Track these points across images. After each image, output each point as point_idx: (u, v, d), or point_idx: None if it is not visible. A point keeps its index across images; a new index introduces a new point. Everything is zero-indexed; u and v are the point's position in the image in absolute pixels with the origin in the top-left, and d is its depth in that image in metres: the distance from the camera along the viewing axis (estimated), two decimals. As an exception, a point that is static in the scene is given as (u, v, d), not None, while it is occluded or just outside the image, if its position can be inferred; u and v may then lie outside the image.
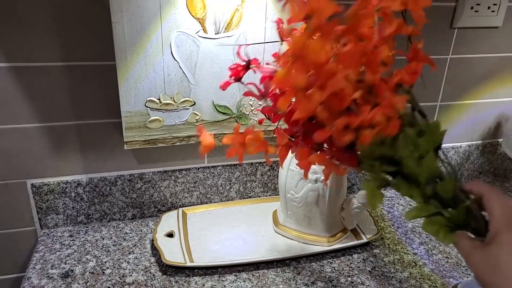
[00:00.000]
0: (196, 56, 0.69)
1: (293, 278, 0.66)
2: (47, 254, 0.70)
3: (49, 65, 0.66)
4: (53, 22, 0.63)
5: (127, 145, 0.72)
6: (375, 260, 0.72)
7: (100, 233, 0.76)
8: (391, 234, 0.79)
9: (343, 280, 0.66)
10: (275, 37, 0.71)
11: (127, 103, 0.69)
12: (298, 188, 0.69)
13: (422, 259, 0.72)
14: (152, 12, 0.64)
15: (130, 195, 0.78)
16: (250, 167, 0.83)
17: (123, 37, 0.64)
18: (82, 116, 0.71)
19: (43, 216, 0.75)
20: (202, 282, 0.65)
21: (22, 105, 0.67)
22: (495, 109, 0.96)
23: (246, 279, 0.66)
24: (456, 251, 0.74)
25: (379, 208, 0.88)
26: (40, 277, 0.65)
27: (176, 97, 0.71)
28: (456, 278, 0.68)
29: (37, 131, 0.70)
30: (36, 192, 0.73)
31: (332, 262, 0.70)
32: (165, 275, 0.66)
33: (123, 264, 0.68)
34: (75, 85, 0.68)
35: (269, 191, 0.87)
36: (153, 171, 0.78)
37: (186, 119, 0.73)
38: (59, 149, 0.72)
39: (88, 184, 0.75)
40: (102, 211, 0.78)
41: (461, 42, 0.85)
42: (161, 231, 0.73)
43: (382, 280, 0.67)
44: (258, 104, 0.75)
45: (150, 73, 0.68)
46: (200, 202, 0.83)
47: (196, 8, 0.65)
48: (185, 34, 0.67)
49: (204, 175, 0.81)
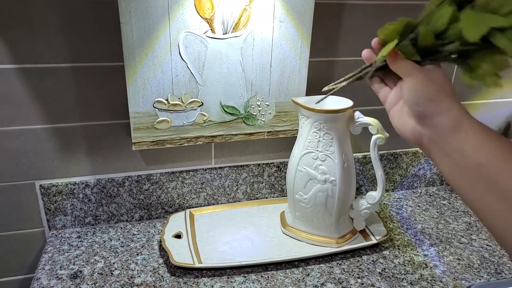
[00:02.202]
0: (204, 56, 0.69)
1: (302, 279, 0.66)
2: (56, 255, 0.70)
3: (58, 66, 0.66)
4: (62, 24, 0.64)
5: (135, 146, 0.72)
6: (385, 261, 0.71)
7: (108, 234, 0.75)
8: (401, 235, 0.78)
9: (353, 281, 0.66)
10: (283, 37, 0.71)
11: (135, 104, 0.69)
12: (306, 189, 0.69)
13: (432, 260, 0.71)
14: (161, 13, 0.64)
15: (138, 196, 0.78)
16: (257, 168, 0.83)
17: (131, 38, 0.64)
18: (90, 117, 0.71)
19: (51, 217, 0.75)
20: (210, 283, 0.64)
21: (31, 107, 0.67)
22: (505, 109, 0.95)
23: (255, 280, 0.65)
24: (468, 253, 0.74)
25: (387, 209, 0.87)
26: (49, 278, 0.65)
27: (184, 98, 0.71)
28: (469, 280, 0.67)
29: (45, 133, 0.70)
30: (44, 193, 0.73)
31: (342, 264, 0.70)
32: (174, 276, 0.66)
33: (131, 265, 0.68)
34: (83, 86, 0.68)
35: (276, 192, 0.87)
36: (161, 172, 0.78)
37: (194, 120, 0.73)
38: (67, 150, 0.72)
39: (96, 185, 0.75)
40: (109, 212, 0.78)
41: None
42: (169, 232, 0.73)
43: (392, 281, 0.66)
44: (266, 104, 0.75)
45: (158, 73, 0.68)
46: (207, 203, 0.83)
47: (204, 8, 0.65)
48: (193, 35, 0.67)
49: (211, 176, 0.81)
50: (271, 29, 0.70)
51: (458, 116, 0.39)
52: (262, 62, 0.72)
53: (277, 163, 0.84)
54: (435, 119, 0.40)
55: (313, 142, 0.66)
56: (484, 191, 0.37)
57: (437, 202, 0.91)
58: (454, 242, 0.77)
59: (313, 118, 0.65)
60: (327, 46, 0.77)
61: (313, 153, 0.66)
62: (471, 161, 0.37)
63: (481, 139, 0.38)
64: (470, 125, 0.39)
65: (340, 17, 0.76)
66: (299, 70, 0.74)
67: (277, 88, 0.75)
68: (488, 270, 0.70)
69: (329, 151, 0.65)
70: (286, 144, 0.82)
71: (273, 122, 0.78)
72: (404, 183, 0.95)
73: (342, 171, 0.66)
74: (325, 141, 0.65)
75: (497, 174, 0.36)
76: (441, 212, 0.87)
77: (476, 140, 0.38)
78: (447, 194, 0.94)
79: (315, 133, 0.65)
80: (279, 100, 0.76)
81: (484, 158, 0.37)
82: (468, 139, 0.38)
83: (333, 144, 0.65)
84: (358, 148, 0.87)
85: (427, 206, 0.89)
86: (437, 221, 0.83)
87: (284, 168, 0.84)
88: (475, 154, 0.37)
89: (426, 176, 0.95)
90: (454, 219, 0.85)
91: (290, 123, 0.78)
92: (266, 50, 0.71)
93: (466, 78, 0.42)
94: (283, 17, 0.69)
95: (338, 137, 0.65)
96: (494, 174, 0.36)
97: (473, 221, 0.84)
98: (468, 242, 0.77)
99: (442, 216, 0.85)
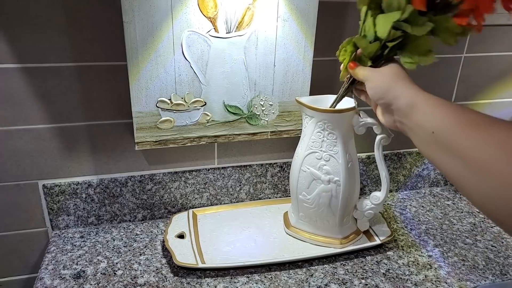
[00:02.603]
0: (207, 55, 0.68)
1: (305, 280, 0.65)
2: (59, 255, 0.70)
3: (60, 65, 0.66)
4: (65, 23, 0.63)
5: (138, 146, 0.71)
6: (389, 262, 0.70)
7: (111, 234, 0.75)
8: (405, 236, 0.78)
9: (357, 282, 0.65)
10: (287, 36, 0.70)
11: (138, 104, 0.68)
12: (310, 189, 0.68)
13: (437, 261, 0.71)
14: (164, 12, 0.64)
15: (141, 196, 0.78)
16: (260, 168, 0.83)
17: (134, 37, 0.64)
18: (93, 116, 0.71)
19: (54, 217, 0.75)
20: (214, 283, 0.64)
21: (34, 106, 0.67)
22: (510, 109, 0.94)
23: (258, 280, 0.65)
24: (472, 254, 0.73)
25: (391, 210, 0.87)
26: (52, 278, 0.65)
27: (187, 97, 0.70)
28: (474, 281, 0.66)
29: (48, 132, 0.70)
30: (47, 193, 0.73)
31: (345, 264, 0.69)
32: (177, 276, 0.65)
33: (134, 265, 0.68)
34: (86, 85, 0.68)
35: (279, 193, 0.86)
36: (164, 172, 0.77)
37: (197, 120, 0.72)
38: (70, 150, 0.72)
39: (99, 185, 0.75)
40: (112, 212, 0.77)
41: (476, 40, 0.84)
42: (172, 232, 0.72)
43: (397, 282, 0.65)
44: (269, 104, 0.75)
45: (161, 73, 0.67)
46: (210, 203, 0.83)
47: (208, 7, 0.65)
48: (196, 34, 0.66)
49: (214, 176, 0.81)
50: (275, 28, 0.69)
51: (411, 94, 0.45)
52: (265, 62, 0.71)
53: (281, 163, 0.84)
54: (395, 104, 0.47)
55: (317, 142, 0.65)
56: (443, 156, 0.40)
57: (441, 202, 0.90)
58: (458, 243, 0.77)
59: (317, 118, 0.64)
60: (331, 45, 0.77)
61: (317, 153, 0.66)
62: (426, 131, 0.42)
63: (432, 110, 0.42)
64: (423, 99, 0.44)
65: (344, 16, 0.75)
66: (302, 69, 0.74)
67: (280, 87, 0.74)
68: (493, 271, 0.69)
69: (333, 151, 0.65)
70: (290, 144, 0.82)
71: (276, 122, 0.77)
72: (408, 183, 0.94)
73: (346, 171, 0.66)
74: (329, 141, 0.65)
75: (448, 140, 0.39)
76: (445, 212, 0.86)
77: (428, 111, 0.43)
78: (451, 195, 0.93)
79: (319, 133, 0.65)
80: (282, 100, 0.75)
81: (435, 127, 0.41)
82: (422, 112, 0.43)
83: (337, 144, 0.65)
84: (362, 149, 0.86)
85: (431, 206, 0.88)
86: (441, 222, 0.83)
87: (287, 168, 0.84)
88: (428, 123, 0.42)
89: (430, 177, 0.95)
90: (458, 219, 0.84)
91: (294, 123, 0.78)
92: (269, 49, 0.71)
93: (406, 64, 0.50)
94: (286, 16, 0.69)
95: (342, 137, 0.65)
96: (445, 140, 0.39)
97: (477, 222, 0.83)
98: (472, 243, 0.76)
99: (447, 217, 0.85)
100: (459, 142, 0.37)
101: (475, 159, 0.35)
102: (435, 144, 0.40)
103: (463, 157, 0.37)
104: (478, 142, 0.36)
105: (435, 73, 0.85)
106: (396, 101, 0.46)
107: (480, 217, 0.85)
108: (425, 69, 0.55)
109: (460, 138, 0.37)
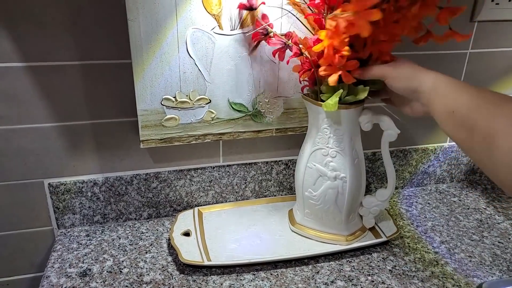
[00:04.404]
0: (211, 53, 0.68)
1: (312, 277, 0.65)
2: (65, 254, 0.70)
3: (65, 64, 0.66)
4: (69, 21, 0.63)
5: (143, 144, 0.71)
6: (395, 259, 0.70)
7: (117, 233, 0.75)
8: (411, 232, 0.78)
9: (363, 279, 0.65)
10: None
11: (143, 102, 0.68)
12: (316, 185, 0.68)
13: (444, 258, 0.71)
14: (168, 9, 0.63)
15: (146, 194, 0.78)
16: (266, 166, 0.82)
17: (139, 35, 0.64)
18: (98, 115, 0.71)
19: (60, 215, 0.75)
20: (220, 281, 0.64)
21: (38, 105, 0.67)
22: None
23: (264, 278, 0.65)
24: (479, 250, 0.73)
25: (397, 206, 0.86)
26: (58, 276, 0.65)
27: (191, 95, 0.70)
28: (481, 278, 0.66)
29: (53, 131, 0.70)
30: (53, 192, 0.73)
31: (352, 261, 0.69)
32: (183, 274, 0.65)
33: (140, 263, 0.68)
34: (91, 84, 0.68)
35: (284, 190, 0.86)
36: (169, 170, 0.77)
37: (201, 117, 0.72)
38: (75, 149, 0.72)
39: (104, 183, 0.75)
40: (118, 210, 0.77)
41: (481, 36, 0.83)
42: (177, 230, 0.72)
43: (403, 279, 0.65)
44: (274, 101, 0.75)
45: (166, 70, 0.67)
46: (215, 201, 0.83)
47: (212, 5, 0.65)
48: (201, 31, 0.66)
49: (219, 174, 0.80)
50: (280, 24, 0.69)
51: (433, 78, 0.51)
52: (270, 58, 0.71)
53: (286, 161, 0.83)
54: (420, 89, 0.52)
55: (324, 138, 0.65)
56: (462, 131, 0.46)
57: (448, 199, 0.90)
58: (465, 239, 0.76)
59: (323, 114, 0.64)
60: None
61: (324, 149, 0.66)
62: (446, 110, 0.48)
63: (451, 92, 0.48)
64: (444, 82, 0.50)
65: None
66: (307, 66, 0.73)
67: (285, 84, 0.74)
68: (500, 267, 0.69)
69: (340, 147, 0.65)
70: (295, 142, 0.82)
71: (281, 119, 0.77)
72: (413, 180, 0.94)
73: (353, 168, 0.65)
74: (336, 137, 0.64)
75: (466, 117, 0.45)
76: (451, 209, 0.86)
77: (448, 93, 0.48)
78: (457, 191, 0.93)
79: (325, 129, 0.64)
80: (287, 97, 0.75)
81: (455, 107, 0.46)
82: (443, 94, 0.49)
83: (343, 140, 0.64)
84: (367, 145, 0.86)
85: (437, 203, 0.88)
86: (447, 218, 0.82)
87: (292, 166, 0.84)
88: (449, 105, 0.47)
89: (436, 173, 0.94)
90: (464, 216, 0.84)
91: (299, 120, 0.78)
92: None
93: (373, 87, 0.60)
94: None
95: (349, 133, 0.64)
96: (464, 117, 0.45)
97: (484, 218, 0.83)
98: (479, 239, 0.76)
99: (453, 214, 0.84)
100: (475, 117, 0.44)
101: (488, 130, 0.42)
102: (455, 122, 0.46)
103: (477, 130, 0.43)
104: (490, 116, 0.42)
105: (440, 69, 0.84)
106: (422, 86, 0.52)
107: (486, 214, 0.84)
108: (430, 65, 0.54)
109: (476, 115, 0.44)
